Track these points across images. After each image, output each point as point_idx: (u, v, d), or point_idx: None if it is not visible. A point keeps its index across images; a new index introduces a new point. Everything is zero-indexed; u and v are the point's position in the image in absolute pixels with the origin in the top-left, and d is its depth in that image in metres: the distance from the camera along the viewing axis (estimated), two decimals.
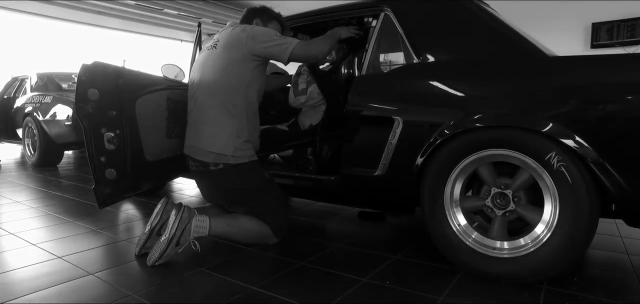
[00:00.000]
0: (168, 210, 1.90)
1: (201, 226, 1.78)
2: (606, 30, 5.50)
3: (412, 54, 1.85)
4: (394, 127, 1.75)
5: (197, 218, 1.78)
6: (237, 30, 1.92)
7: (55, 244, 2.06)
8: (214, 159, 1.84)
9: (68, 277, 1.66)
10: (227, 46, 1.89)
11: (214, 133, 1.84)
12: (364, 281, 1.63)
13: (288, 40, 1.87)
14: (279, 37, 1.89)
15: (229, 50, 1.87)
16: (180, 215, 1.74)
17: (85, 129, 1.69)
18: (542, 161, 1.50)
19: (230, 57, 1.86)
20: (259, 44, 1.85)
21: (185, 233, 1.74)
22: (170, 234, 1.71)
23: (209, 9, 7.99)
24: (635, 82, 1.42)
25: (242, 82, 1.87)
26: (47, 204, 2.92)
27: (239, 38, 1.87)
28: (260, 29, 1.93)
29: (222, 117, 1.84)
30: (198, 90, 1.91)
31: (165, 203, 1.91)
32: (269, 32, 1.91)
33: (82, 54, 8.41)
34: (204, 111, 1.87)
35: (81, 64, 1.66)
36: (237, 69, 1.86)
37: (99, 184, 1.75)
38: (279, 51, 1.86)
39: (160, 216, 1.88)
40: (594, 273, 1.78)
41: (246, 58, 1.85)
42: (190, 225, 1.75)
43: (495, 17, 1.84)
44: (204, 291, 1.56)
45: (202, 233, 1.79)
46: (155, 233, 1.87)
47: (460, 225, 1.69)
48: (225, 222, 1.85)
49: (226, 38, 1.92)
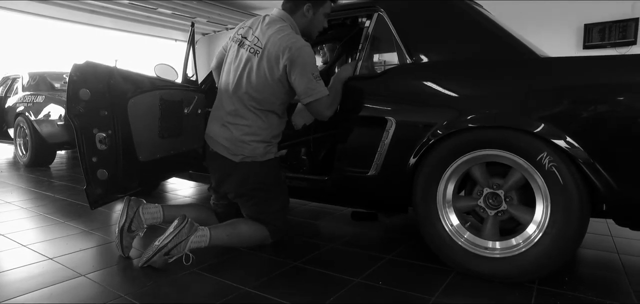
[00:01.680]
0: (133, 207, 1.88)
1: (201, 240, 1.75)
2: (598, 32, 5.54)
3: (405, 55, 1.86)
4: (387, 127, 1.76)
5: (197, 234, 1.74)
6: (282, 45, 1.74)
7: (46, 245, 2.04)
8: (240, 160, 1.84)
9: (59, 278, 1.64)
10: (269, 58, 1.76)
11: (245, 140, 1.83)
12: (357, 281, 1.63)
13: (319, 88, 1.76)
14: (315, 78, 1.76)
15: (271, 66, 1.77)
16: (179, 229, 1.71)
17: (77, 129, 1.67)
18: (533, 162, 1.51)
19: (268, 77, 1.78)
20: (294, 69, 1.74)
21: (179, 246, 1.70)
22: (161, 243, 1.69)
23: (204, 9, 7.96)
24: (625, 83, 1.44)
25: (278, 99, 1.85)
26: (39, 205, 2.89)
27: (278, 59, 1.74)
28: (303, 56, 1.74)
29: (258, 125, 1.84)
30: (233, 92, 1.85)
31: (127, 201, 1.89)
32: (309, 64, 1.75)
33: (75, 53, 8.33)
34: (238, 116, 1.84)
35: (72, 64, 1.65)
36: (274, 89, 1.81)
37: (90, 185, 1.74)
38: (304, 91, 1.75)
39: (126, 215, 1.86)
40: (585, 272, 1.79)
41: (282, 80, 1.79)
42: (188, 241, 1.71)
43: (487, 17, 1.85)
44: (196, 291, 1.56)
45: (202, 245, 1.75)
46: (126, 231, 1.85)
47: (452, 225, 1.70)
48: (225, 234, 1.83)
49: (270, 49, 1.76)
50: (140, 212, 1.89)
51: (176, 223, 1.73)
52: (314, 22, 1.92)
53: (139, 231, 1.89)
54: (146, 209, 1.92)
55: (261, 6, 8.11)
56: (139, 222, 1.89)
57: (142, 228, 1.90)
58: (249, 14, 8.27)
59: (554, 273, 1.59)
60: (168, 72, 2.44)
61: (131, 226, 1.87)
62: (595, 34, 5.55)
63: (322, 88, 1.77)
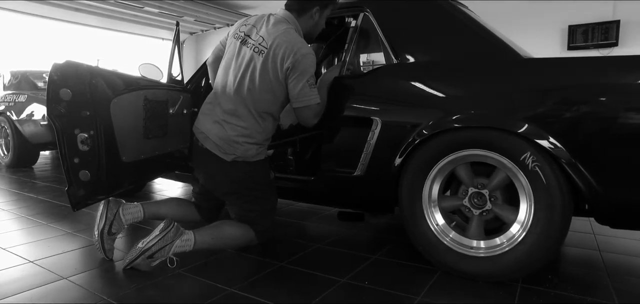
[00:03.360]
0: (112, 209, 1.86)
1: (186, 244, 1.73)
2: (582, 33, 5.64)
3: (391, 55, 1.86)
4: (373, 127, 1.76)
5: (182, 238, 1.72)
6: (288, 48, 1.73)
7: (27, 248, 2.00)
8: (232, 159, 1.82)
9: (40, 282, 1.61)
10: (274, 59, 1.75)
11: (239, 141, 1.81)
12: (343, 281, 1.63)
13: (312, 95, 1.76)
14: (309, 85, 1.75)
15: (276, 67, 1.75)
16: (164, 233, 1.68)
17: (58, 129, 1.64)
18: (517, 161, 1.53)
19: (272, 79, 1.77)
20: (294, 71, 1.73)
21: (163, 250, 1.68)
22: (145, 246, 1.67)
23: (191, 8, 7.89)
24: (607, 84, 1.46)
25: (274, 104, 1.84)
26: (21, 207, 2.83)
27: (282, 61, 1.73)
28: (307, 63, 1.74)
29: (254, 128, 1.82)
30: (235, 91, 1.82)
31: (106, 204, 1.87)
32: (308, 71, 1.75)
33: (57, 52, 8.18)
34: (235, 116, 1.81)
35: (52, 64, 1.62)
36: (275, 91, 1.80)
37: (72, 186, 1.71)
38: (297, 95, 1.75)
39: (105, 218, 1.84)
40: (567, 270, 1.82)
41: (283, 82, 1.78)
42: (172, 245, 1.69)
43: (472, 18, 1.86)
44: (181, 293, 1.54)
45: (186, 249, 1.73)
46: (106, 234, 1.83)
47: (438, 225, 1.71)
48: (210, 237, 1.80)
49: (276, 50, 1.74)
50: (120, 213, 1.87)
51: (162, 226, 1.70)
52: (319, 24, 1.92)
53: (120, 233, 1.87)
54: (126, 209, 1.90)
55: (249, 6, 8.07)
56: (119, 224, 1.87)
57: (123, 228, 1.89)
58: (237, 14, 8.22)
59: (537, 272, 1.61)
60: (153, 71, 2.41)
61: (111, 228, 1.84)
62: (579, 36, 5.65)
63: (314, 96, 1.77)
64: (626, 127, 1.39)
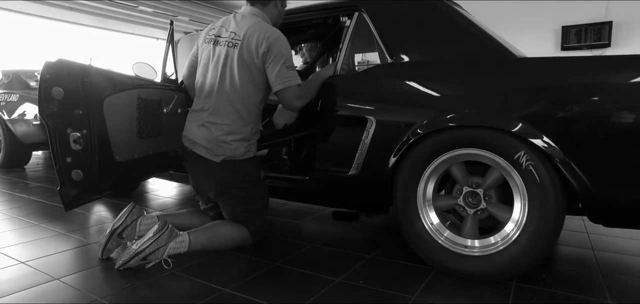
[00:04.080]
0: (134, 215, 1.89)
1: (180, 246, 1.73)
2: (575, 34, 5.68)
3: (385, 54, 1.86)
4: (368, 126, 1.76)
5: (177, 240, 1.72)
6: (261, 34, 1.78)
7: (19, 249, 1.98)
8: (221, 160, 1.83)
9: (31, 283, 1.59)
10: (249, 48, 1.79)
11: (227, 140, 1.82)
12: (338, 281, 1.62)
13: (290, 76, 1.79)
14: (287, 67, 1.79)
15: (251, 54, 1.79)
16: (158, 235, 1.68)
17: (50, 129, 1.63)
18: (511, 160, 1.53)
19: (251, 68, 1.80)
20: (270, 56, 1.77)
21: (157, 252, 1.67)
22: (139, 248, 1.66)
23: (186, 7, 7.86)
24: (599, 84, 1.47)
25: (258, 94, 1.85)
26: (13, 207, 2.80)
27: (257, 47, 1.78)
28: (280, 45, 1.79)
29: (239, 123, 1.83)
30: (217, 89, 1.84)
31: (131, 207, 1.90)
32: (284, 53, 1.80)
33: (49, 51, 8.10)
34: (220, 114, 1.83)
35: (44, 62, 1.60)
36: (256, 80, 1.82)
37: (64, 186, 1.69)
38: (275, 78, 1.78)
39: (124, 220, 1.86)
40: (561, 269, 1.83)
41: (261, 69, 1.81)
42: (167, 247, 1.70)
43: (466, 18, 1.87)
44: (175, 293, 1.53)
45: (181, 251, 1.73)
46: (116, 235, 1.84)
47: (433, 224, 1.71)
48: (205, 238, 1.81)
49: (249, 40, 1.79)
50: (138, 222, 1.89)
51: (156, 228, 1.70)
52: (281, 13, 2.00)
53: (128, 240, 1.85)
54: (144, 220, 1.91)
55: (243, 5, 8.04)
56: (132, 231, 1.88)
57: (133, 237, 1.87)
58: (231, 13, 8.18)
59: (531, 270, 1.61)
60: (147, 70, 2.39)
61: (123, 232, 1.85)
62: (572, 36, 5.70)
63: (293, 77, 1.80)
64: (619, 126, 1.40)
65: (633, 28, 5.39)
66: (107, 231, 1.85)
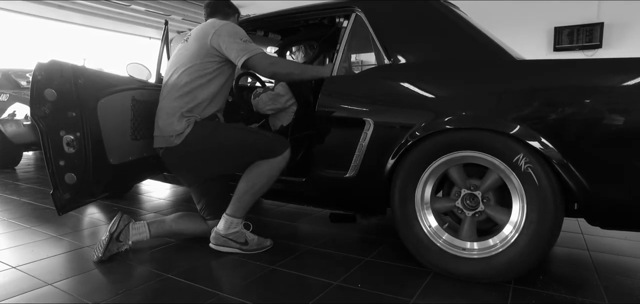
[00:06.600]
0: (124, 220, 1.93)
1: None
2: (567, 35, 5.72)
3: (383, 55, 1.85)
4: (365, 128, 1.75)
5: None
6: (208, 23, 1.94)
7: (10, 253, 1.94)
8: (180, 140, 1.84)
9: (22, 289, 1.56)
10: (195, 38, 1.91)
11: (172, 120, 1.84)
12: (336, 284, 1.61)
13: (251, 46, 1.85)
14: (244, 41, 1.86)
15: (196, 42, 1.89)
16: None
17: (42, 131, 1.60)
18: (510, 163, 1.53)
19: (196, 49, 1.88)
20: (222, 38, 1.84)
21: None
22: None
23: (178, 6, 7.81)
24: (595, 85, 1.47)
25: (204, 77, 1.88)
26: (3, 210, 2.76)
27: (206, 31, 1.88)
28: (229, 26, 1.89)
29: (182, 100, 1.86)
30: (168, 81, 1.92)
31: (120, 215, 1.93)
32: (236, 32, 1.88)
33: (40, 50, 8.01)
34: (166, 98, 1.89)
35: (36, 63, 1.57)
36: (200, 62, 1.87)
37: (57, 190, 1.66)
38: (237, 52, 1.83)
39: (117, 225, 1.89)
40: (558, 271, 1.83)
41: (209, 52, 1.86)
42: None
43: (464, 19, 1.86)
44: (170, 298, 1.51)
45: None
46: (115, 238, 1.86)
47: (431, 226, 1.71)
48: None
49: (197, 31, 1.95)
50: (129, 227, 1.92)
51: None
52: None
53: (125, 245, 1.90)
54: (134, 226, 1.94)
55: (239, 6, 8.00)
56: (126, 235, 1.90)
57: (127, 242, 1.91)
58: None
59: (529, 272, 1.62)
60: (141, 71, 2.36)
61: (120, 236, 1.88)
62: (565, 37, 5.74)
63: (253, 47, 1.86)
64: (616, 128, 1.40)
65: (624, 29, 5.44)
66: (106, 233, 1.85)
